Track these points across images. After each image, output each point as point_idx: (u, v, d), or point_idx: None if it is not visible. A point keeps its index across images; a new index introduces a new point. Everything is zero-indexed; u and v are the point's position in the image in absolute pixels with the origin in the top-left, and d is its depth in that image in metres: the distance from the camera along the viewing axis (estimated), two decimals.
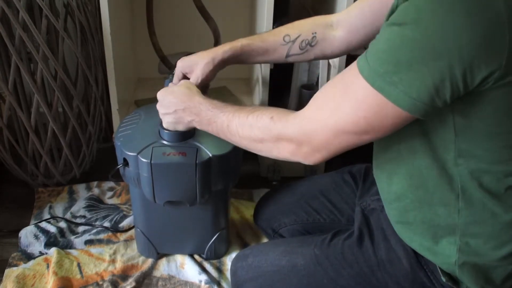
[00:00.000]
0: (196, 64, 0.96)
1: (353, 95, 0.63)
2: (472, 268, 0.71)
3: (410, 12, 0.57)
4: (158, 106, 0.93)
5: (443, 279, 0.73)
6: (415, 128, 0.67)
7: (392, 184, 0.77)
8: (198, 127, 0.88)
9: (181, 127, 0.94)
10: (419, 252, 0.76)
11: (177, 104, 0.88)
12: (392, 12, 0.62)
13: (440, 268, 0.74)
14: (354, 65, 0.64)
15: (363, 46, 0.92)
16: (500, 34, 0.54)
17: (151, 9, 1.40)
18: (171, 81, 1.03)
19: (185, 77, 0.99)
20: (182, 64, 0.98)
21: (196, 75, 0.95)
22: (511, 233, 0.68)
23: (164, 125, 0.95)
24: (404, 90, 0.58)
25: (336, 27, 0.96)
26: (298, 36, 0.96)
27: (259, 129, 0.75)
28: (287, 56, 0.98)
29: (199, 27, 1.39)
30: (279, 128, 0.72)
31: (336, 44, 0.97)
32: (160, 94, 0.92)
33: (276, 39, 0.97)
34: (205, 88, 0.99)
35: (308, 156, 0.71)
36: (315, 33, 0.96)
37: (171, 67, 1.13)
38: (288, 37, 0.96)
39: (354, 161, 1.06)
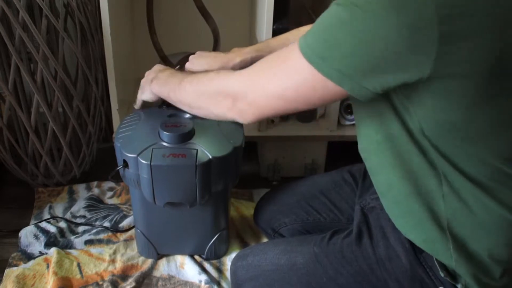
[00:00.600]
0: (205, 69, 0.99)
1: (289, 64, 0.67)
2: (467, 260, 0.71)
3: None
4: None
5: (442, 274, 0.74)
6: (388, 116, 0.68)
7: (381, 175, 0.78)
8: (156, 88, 0.93)
9: (146, 89, 0.98)
10: (417, 244, 0.76)
11: (153, 71, 0.96)
12: None
13: (438, 262, 0.74)
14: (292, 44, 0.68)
15: None
16: (428, 31, 0.55)
17: (151, 9, 1.40)
18: None
19: None
20: (193, 62, 1.03)
21: None
22: (498, 223, 0.69)
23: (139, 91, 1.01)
24: (333, 65, 0.61)
25: None
26: None
27: (203, 83, 0.82)
28: None
29: (199, 27, 1.39)
30: (220, 79, 0.78)
31: None
32: (157, 66, 0.99)
33: (282, 45, 0.97)
34: None
35: (243, 113, 0.77)
36: None
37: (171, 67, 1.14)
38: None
39: (354, 160, 1.06)
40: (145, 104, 1.06)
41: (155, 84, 0.93)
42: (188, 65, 1.04)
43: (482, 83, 0.59)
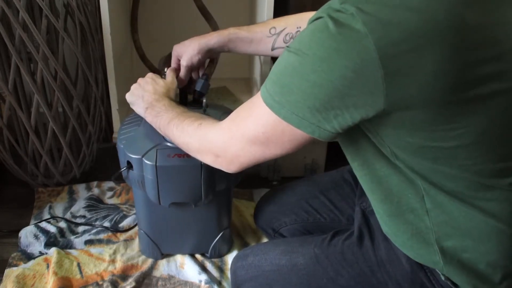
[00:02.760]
0: (185, 51, 1.02)
1: (254, 111, 0.69)
2: (462, 271, 0.71)
3: (296, 41, 0.62)
4: (138, 81, 0.98)
5: (442, 278, 0.73)
6: (363, 143, 0.70)
7: (368, 196, 0.79)
8: (149, 118, 0.92)
9: (135, 108, 0.97)
10: (413, 258, 0.76)
11: (149, 91, 0.94)
12: None
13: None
14: (259, 92, 0.68)
15: None
16: (373, 72, 0.56)
17: (136, 7, 1.41)
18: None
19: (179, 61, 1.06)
20: (175, 49, 1.05)
21: (184, 61, 1.03)
22: (486, 230, 0.69)
23: (127, 94, 0.99)
24: (290, 110, 0.62)
25: None
26: (284, 29, 0.99)
27: (188, 133, 0.82)
28: (273, 48, 1.01)
29: (199, 27, 1.38)
30: (202, 133, 0.79)
31: None
32: (147, 76, 0.98)
33: (263, 30, 1.01)
34: (193, 72, 1.08)
35: (227, 167, 0.77)
36: (300, 27, 0.99)
37: (161, 68, 1.15)
38: (274, 29, 1.00)
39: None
40: None
41: (149, 114, 0.92)
42: (173, 53, 1.06)
43: (440, 108, 0.59)
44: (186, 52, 1.02)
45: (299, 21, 1.00)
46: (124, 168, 1.00)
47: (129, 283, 1.11)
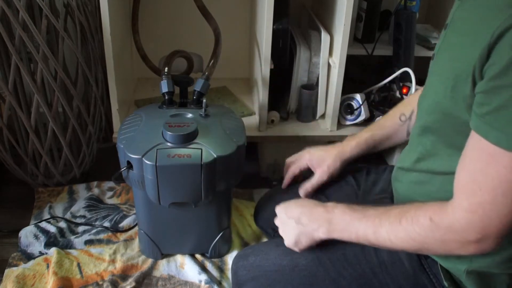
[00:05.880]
0: (323, 161, 0.99)
1: (505, 168, 0.59)
2: (478, 276, 0.72)
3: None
4: (277, 221, 0.87)
5: (445, 283, 0.73)
6: None
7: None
8: (326, 237, 0.79)
9: (304, 241, 0.83)
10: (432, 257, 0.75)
11: (301, 212, 0.82)
12: (484, 59, 0.59)
13: (442, 270, 0.74)
14: (480, 142, 0.60)
15: None
16: None
17: (136, 8, 1.41)
18: (166, 78, 1.07)
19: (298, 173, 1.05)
20: (310, 158, 1.02)
21: (323, 172, 0.99)
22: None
23: (286, 243, 0.84)
24: None
25: None
26: (412, 113, 0.96)
27: (419, 235, 0.68)
28: (408, 134, 0.97)
29: (200, 27, 1.39)
30: (444, 231, 0.66)
31: None
32: (280, 207, 0.87)
33: (394, 122, 0.99)
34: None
35: (486, 248, 0.65)
36: None
37: (162, 68, 1.15)
38: (403, 116, 0.98)
39: (354, 161, 1.07)
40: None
41: (324, 232, 0.79)
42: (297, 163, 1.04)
43: None
44: (326, 161, 0.99)
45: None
46: (124, 168, 1.00)
47: (129, 283, 1.11)
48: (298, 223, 0.82)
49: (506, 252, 0.69)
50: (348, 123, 1.45)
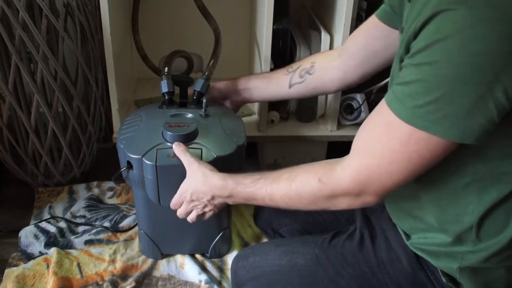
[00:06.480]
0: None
1: (397, 139, 0.63)
2: (472, 272, 0.71)
3: (437, 51, 0.57)
4: (181, 200, 0.93)
5: (444, 279, 0.73)
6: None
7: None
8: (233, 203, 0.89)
9: (209, 209, 0.92)
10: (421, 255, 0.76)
11: (203, 195, 0.89)
12: (408, 42, 0.62)
13: (440, 269, 0.74)
14: (385, 109, 0.64)
15: (360, 72, 0.99)
16: None
17: (136, 8, 1.41)
18: (166, 78, 1.09)
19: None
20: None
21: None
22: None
23: (189, 218, 0.95)
24: (450, 123, 0.58)
25: (337, 57, 1.02)
26: (299, 66, 1.06)
27: (309, 195, 0.75)
28: (290, 85, 1.07)
29: (200, 27, 1.39)
30: (331, 188, 0.72)
31: (333, 71, 1.03)
32: (179, 192, 0.92)
33: (280, 71, 1.10)
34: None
35: (367, 202, 0.71)
36: (314, 62, 1.05)
37: (162, 68, 1.15)
38: (290, 68, 1.08)
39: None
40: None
41: (230, 202, 0.89)
42: None
43: None
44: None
45: (315, 57, 1.07)
46: (124, 168, 1.00)
47: (129, 283, 1.11)
48: (206, 204, 0.90)
49: (491, 248, 0.69)
50: (348, 123, 1.45)
